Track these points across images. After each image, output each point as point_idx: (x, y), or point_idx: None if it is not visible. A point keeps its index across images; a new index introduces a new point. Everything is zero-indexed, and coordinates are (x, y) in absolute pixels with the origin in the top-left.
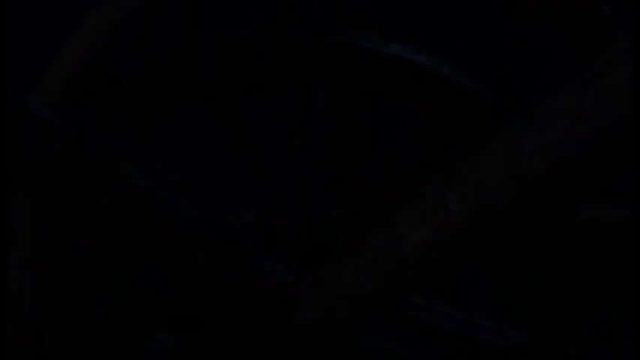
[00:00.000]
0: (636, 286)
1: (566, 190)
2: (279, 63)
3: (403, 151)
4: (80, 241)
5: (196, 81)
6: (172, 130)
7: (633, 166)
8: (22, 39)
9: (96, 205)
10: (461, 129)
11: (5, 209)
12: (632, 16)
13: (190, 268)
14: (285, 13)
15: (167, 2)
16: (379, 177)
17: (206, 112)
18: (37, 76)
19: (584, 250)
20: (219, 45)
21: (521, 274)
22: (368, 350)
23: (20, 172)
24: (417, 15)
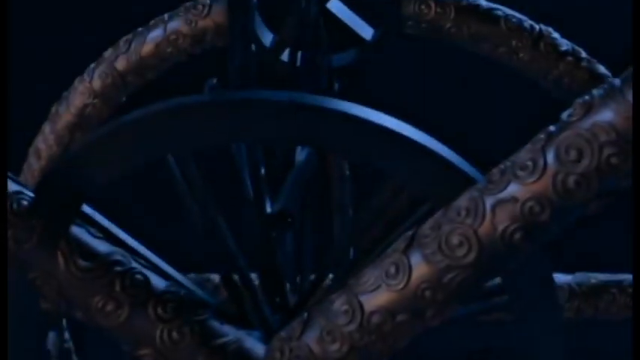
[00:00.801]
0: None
1: (529, 246)
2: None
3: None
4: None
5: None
6: (135, 192)
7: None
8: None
9: (48, 270)
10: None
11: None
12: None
13: (146, 335)
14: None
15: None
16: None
17: (171, 176)
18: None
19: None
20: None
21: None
22: None
23: None
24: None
